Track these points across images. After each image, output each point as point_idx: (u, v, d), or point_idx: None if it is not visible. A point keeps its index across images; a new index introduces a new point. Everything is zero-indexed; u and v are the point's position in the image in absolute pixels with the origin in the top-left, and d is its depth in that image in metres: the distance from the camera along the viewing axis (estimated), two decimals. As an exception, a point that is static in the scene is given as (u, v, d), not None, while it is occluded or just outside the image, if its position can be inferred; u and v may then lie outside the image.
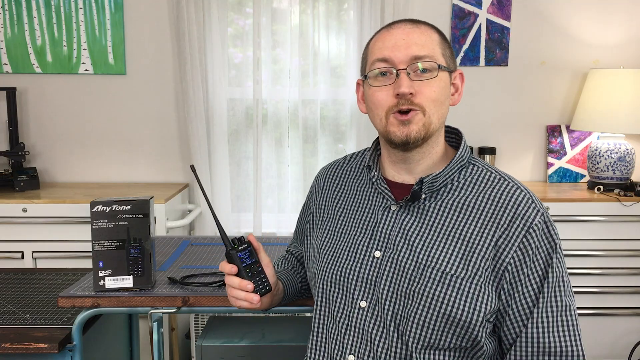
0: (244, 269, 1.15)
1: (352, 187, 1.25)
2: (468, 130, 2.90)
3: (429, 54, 1.10)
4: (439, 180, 1.12)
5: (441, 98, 1.11)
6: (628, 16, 2.84)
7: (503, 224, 1.07)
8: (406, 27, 1.12)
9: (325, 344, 1.17)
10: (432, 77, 1.09)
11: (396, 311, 1.09)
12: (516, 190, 1.10)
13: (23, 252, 2.45)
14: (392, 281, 1.09)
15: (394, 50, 1.10)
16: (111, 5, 2.79)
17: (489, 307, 1.05)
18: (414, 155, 1.14)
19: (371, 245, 1.14)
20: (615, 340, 2.60)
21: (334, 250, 1.19)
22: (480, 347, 1.07)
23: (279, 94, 2.84)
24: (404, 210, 1.14)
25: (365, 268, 1.13)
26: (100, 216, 1.41)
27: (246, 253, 1.17)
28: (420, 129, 1.09)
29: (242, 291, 1.15)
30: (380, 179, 1.18)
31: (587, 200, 2.52)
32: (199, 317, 2.51)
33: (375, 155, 1.24)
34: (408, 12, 2.70)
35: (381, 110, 1.11)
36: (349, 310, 1.13)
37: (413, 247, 1.10)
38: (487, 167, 1.16)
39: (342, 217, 1.22)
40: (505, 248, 1.06)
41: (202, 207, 2.82)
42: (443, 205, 1.12)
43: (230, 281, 1.15)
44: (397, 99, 1.09)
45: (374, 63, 1.12)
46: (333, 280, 1.16)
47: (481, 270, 1.06)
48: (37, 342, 1.38)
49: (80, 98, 2.87)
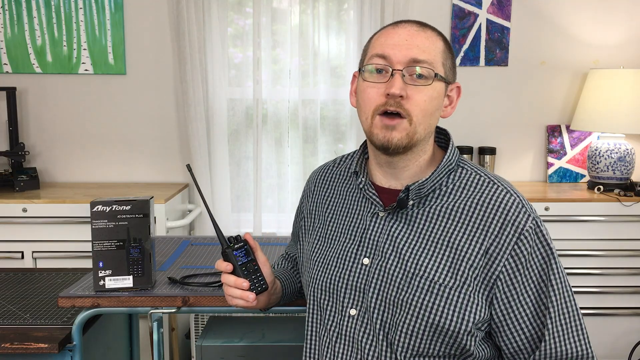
0: (239, 267, 1.15)
1: (341, 192, 1.23)
2: (468, 130, 2.90)
3: (428, 59, 1.06)
4: (425, 186, 1.10)
5: (431, 108, 1.07)
6: (628, 16, 2.84)
7: (493, 232, 1.05)
8: (412, 28, 1.09)
9: (317, 350, 1.17)
10: (426, 85, 1.06)
11: (385, 320, 1.08)
12: (505, 195, 1.08)
13: (23, 252, 2.45)
14: (380, 289, 1.08)
15: (394, 48, 1.07)
16: (111, 5, 2.79)
17: (477, 317, 1.04)
18: (398, 162, 1.11)
19: (360, 252, 1.13)
20: (615, 340, 2.59)
21: (324, 257, 1.18)
22: (470, 354, 1.06)
23: (279, 94, 2.84)
24: (392, 217, 1.12)
25: (354, 276, 1.12)
26: (100, 216, 1.41)
27: (242, 251, 1.16)
28: (403, 138, 1.06)
29: (237, 289, 1.14)
30: (368, 184, 1.16)
31: (587, 200, 2.51)
32: (199, 317, 2.51)
33: (363, 160, 1.21)
34: (408, 12, 2.70)
35: (368, 107, 1.08)
36: (339, 318, 1.13)
37: (401, 255, 1.08)
38: (475, 170, 1.13)
39: (332, 223, 1.21)
40: (496, 257, 1.04)
41: (202, 207, 2.82)
42: (431, 212, 1.10)
43: (226, 279, 1.15)
44: (386, 99, 1.05)
45: (372, 58, 1.09)
46: (323, 288, 1.15)
47: (470, 279, 1.04)
48: (37, 342, 1.38)
49: (80, 98, 2.87)
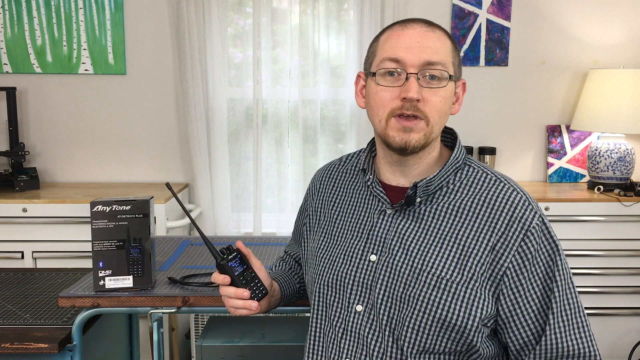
0: (237, 278, 1.13)
1: (348, 190, 1.23)
2: (468, 130, 2.90)
3: (441, 61, 1.06)
4: (433, 183, 1.11)
5: (445, 108, 1.09)
6: (628, 16, 2.84)
7: (500, 228, 1.06)
8: (422, 28, 1.08)
9: (322, 347, 1.17)
10: (440, 86, 1.06)
11: (391, 315, 1.08)
12: (512, 192, 1.08)
13: (23, 252, 2.45)
14: (388, 285, 1.09)
15: (407, 51, 1.06)
16: (111, 5, 2.79)
17: (484, 312, 1.04)
18: (409, 160, 1.12)
19: (367, 249, 1.13)
20: (615, 340, 2.59)
21: (330, 253, 1.18)
22: (476, 350, 1.07)
23: (279, 94, 2.84)
24: (399, 214, 1.12)
25: (361, 272, 1.12)
26: (100, 216, 1.41)
27: (237, 261, 1.15)
28: (421, 138, 1.07)
29: (239, 300, 1.13)
30: (376, 182, 1.16)
31: (587, 200, 2.52)
32: (199, 317, 2.51)
33: (370, 157, 1.21)
34: (408, 12, 2.70)
35: (383, 110, 1.08)
36: (345, 314, 1.13)
37: (408, 251, 1.09)
38: (482, 168, 1.14)
39: (339, 221, 1.21)
40: (503, 253, 1.05)
41: (202, 207, 2.82)
42: (439, 209, 1.10)
43: (226, 292, 1.14)
44: (402, 103, 1.05)
45: (384, 61, 1.08)
46: (329, 284, 1.15)
47: (477, 275, 1.05)
48: (37, 342, 1.38)
49: (80, 98, 2.87)
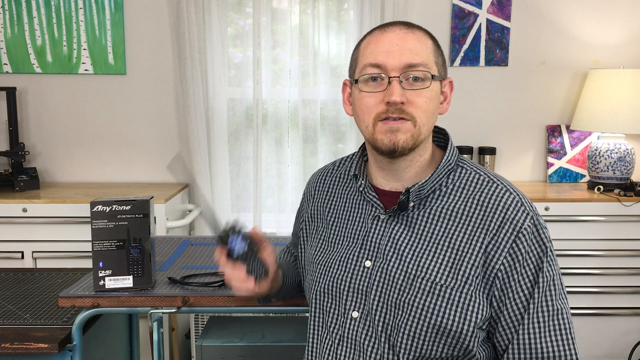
0: (238, 254, 1.13)
1: (342, 195, 1.23)
2: (468, 130, 2.90)
3: (423, 62, 1.06)
4: (426, 187, 1.10)
5: (432, 108, 1.08)
6: (628, 16, 2.84)
7: (492, 230, 1.05)
8: (401, 31, 1.08)
9: (319, 354, 1.17)
10: (424, 87, 1.06)
11: (387, 322, 1.07)
12: (505, 193, 1.08)
13: (23, 252, 2.45)
14: (382, 291, 1.08)
15: (387, 56, 1.06)
16: (111, 5, 2.79)
17: (480, 316, 1.04)
18: (401, 163, 1.11)
19: (362, 255, 1.13)
20: (615, 340, 2.59)
21: (326, 260, 1.18)
22: (473, 355, 1.06)
23: (279, 94, 2.84)
24: (393, 219, 1.12)
25: (356, 278, 1.12)
26: (100, 216, 1.41)
27: (239, 239, 1.14)
28: (408, 139, 1.06)
29: (237, 275, 1.13)
30: (368, 187, 1.16)
31: (587, 200, 2.51)
32: (199, 317, 2.51)
33: (362, 162, 1.21)
34: (408, 12, 2.70)
35: (368, 116, 1.08)
36: (342, 320, 1.12)
37: (402, 257, 1.08)
38: (475, 169, 1.13)
39: (334, 226, 1.21)
40: (494, 254, 1.04)
41: (202, 207, 2.81)
42: (432, 213, 1.10)
43: (225, 268, 1.14)
44: (387, 107, 1.05)
45: (365, 68, 1.08)
46: (326, 291, 1.15)
47: (471, 278, 1.04)
48: (37, 342, 1.38)
49: (80, 98, 2.87)
